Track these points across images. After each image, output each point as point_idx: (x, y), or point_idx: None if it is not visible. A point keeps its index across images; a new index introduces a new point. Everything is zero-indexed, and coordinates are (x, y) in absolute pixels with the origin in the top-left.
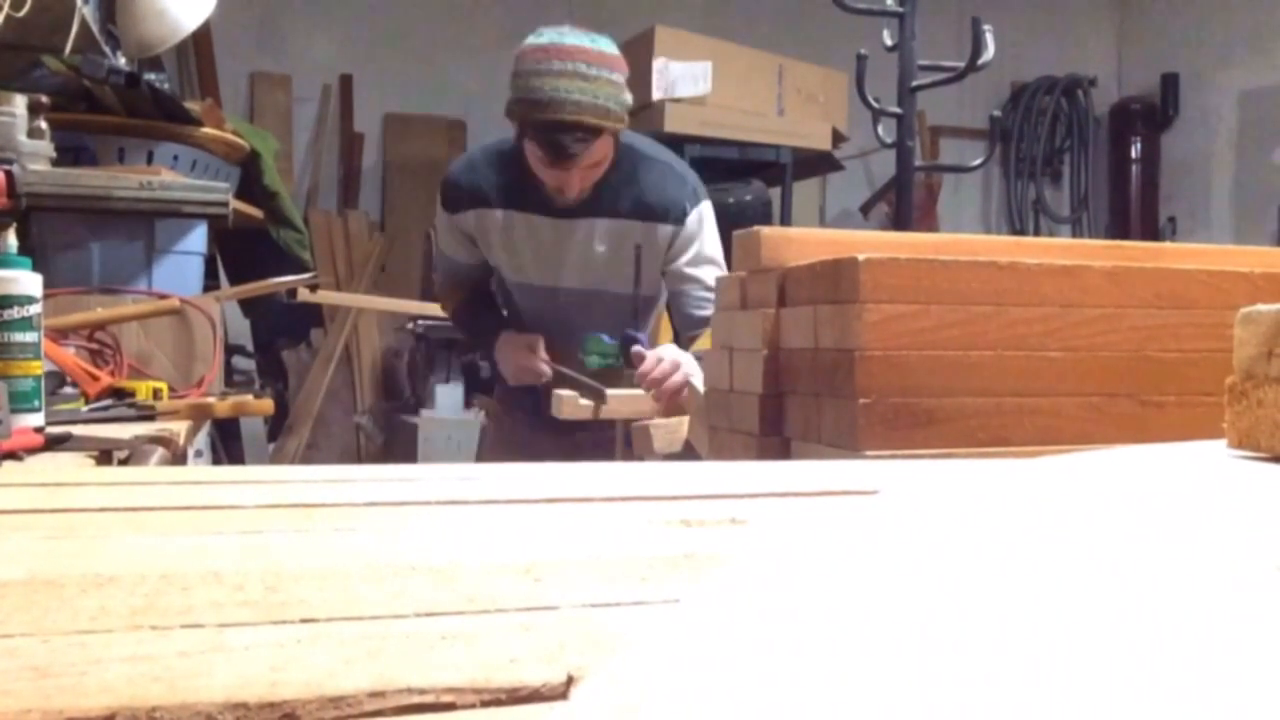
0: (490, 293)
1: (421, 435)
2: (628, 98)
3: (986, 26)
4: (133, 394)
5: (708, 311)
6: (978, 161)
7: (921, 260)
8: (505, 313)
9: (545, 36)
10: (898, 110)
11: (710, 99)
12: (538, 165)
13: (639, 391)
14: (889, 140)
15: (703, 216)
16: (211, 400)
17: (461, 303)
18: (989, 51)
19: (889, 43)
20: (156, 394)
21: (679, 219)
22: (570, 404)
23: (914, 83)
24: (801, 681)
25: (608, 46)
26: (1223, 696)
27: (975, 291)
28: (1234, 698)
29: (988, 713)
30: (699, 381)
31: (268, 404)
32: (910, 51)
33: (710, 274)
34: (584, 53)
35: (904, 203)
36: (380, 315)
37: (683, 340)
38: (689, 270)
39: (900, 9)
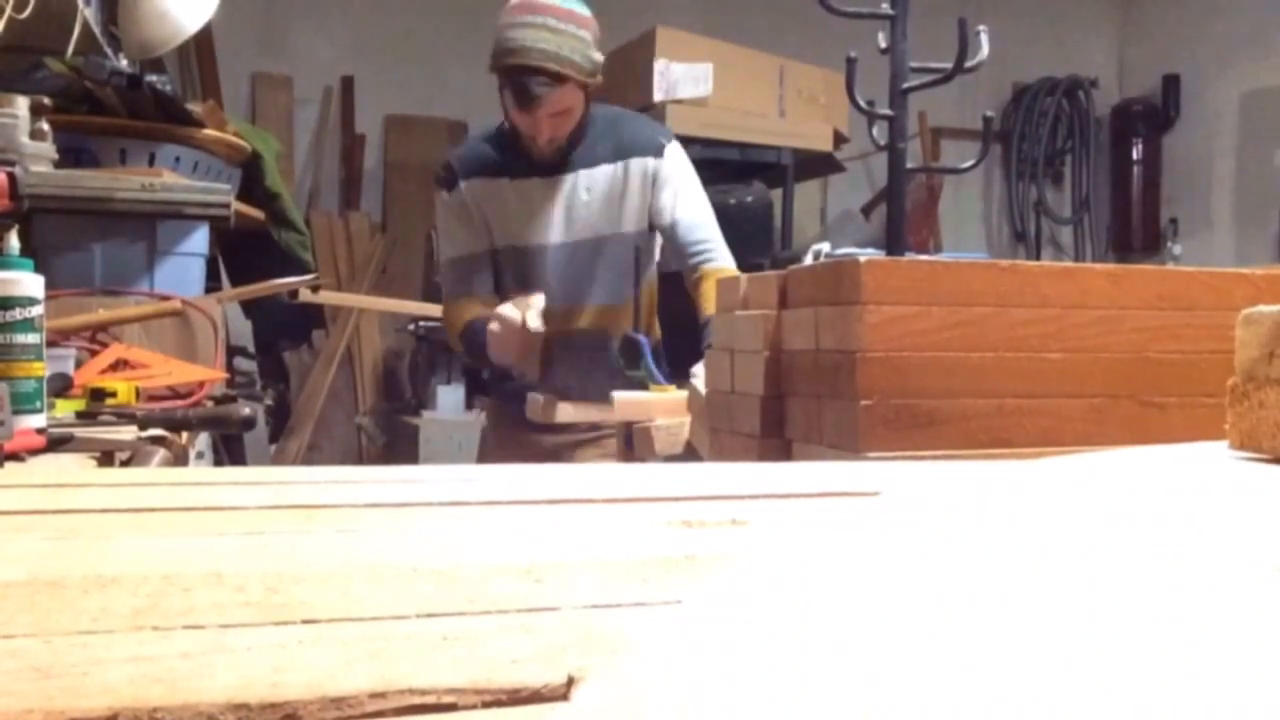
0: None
1: (423, 436)
2: (595, 55)
3: (981, 28)
4: (113, 394)
5: (709, 259)
6: (969, 163)
7: (922, 261)
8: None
9: None
10: (889, 113)
11: (711, 100)
12: (513, 113)
13: (645, 395)
14: (883, 142)
15: (679, 153)
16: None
17: (470, 321)
18: (983, 52)
19: (883, 45)
20: (138, 394)
21: (655, 150)
22: (546, 407)
23: (904, 85)
24: (803, 683)
25: (577, 6)
26: (1223, 697)
27: (976, 293)
28: (1234, 698)
29: (990, 713)
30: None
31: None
32: (902, 54)
33: (697, 212)
34: (552, 9)
35: (895, 205)
36: (382, 316)
37: (694, 292)
38: (677, 214)
39: (891, 12)
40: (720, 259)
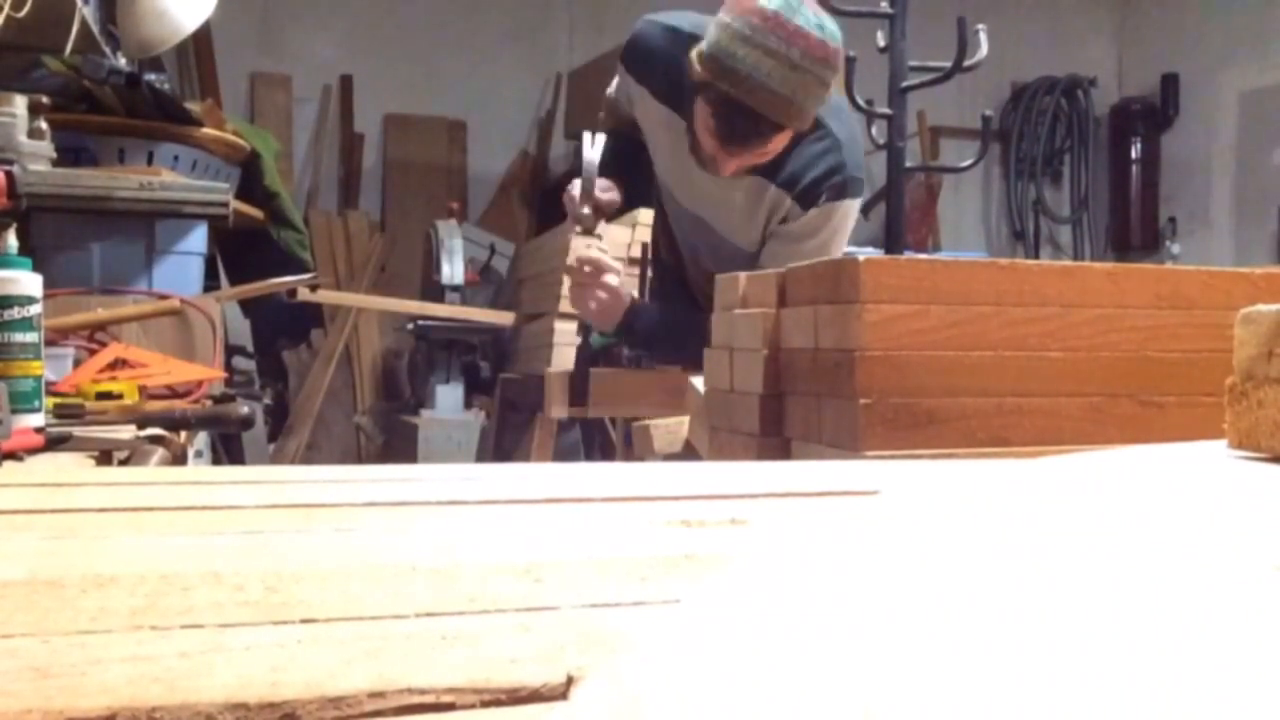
0: (633, 143)
1: (422, 435)
2: (829, 96)
3: (980, 26)
4: (120, 396)
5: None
6: (968, 163)
7: (922, 260)
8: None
9: (775, 1)
10: (888, 111)
11: None
12: (702, 130)
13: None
14: (882, 141)
15: (830, 216)
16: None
17: (610, 129)
18: (982, 51)
19: (882, 44)
20: (142, 392)
21: (804, 200)
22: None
23: (904, 84)
24: (803, 683)
25: (833, 38)
26: (1222, 695)
27: (975, 292)
28: (1233, 696)
29: (990, 713)
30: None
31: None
32: (901, 53)
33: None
34: (805, 39)
35: (895, 204)
36: (380, 315)
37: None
38: (779, 248)
39: (890, 10)
40: None
